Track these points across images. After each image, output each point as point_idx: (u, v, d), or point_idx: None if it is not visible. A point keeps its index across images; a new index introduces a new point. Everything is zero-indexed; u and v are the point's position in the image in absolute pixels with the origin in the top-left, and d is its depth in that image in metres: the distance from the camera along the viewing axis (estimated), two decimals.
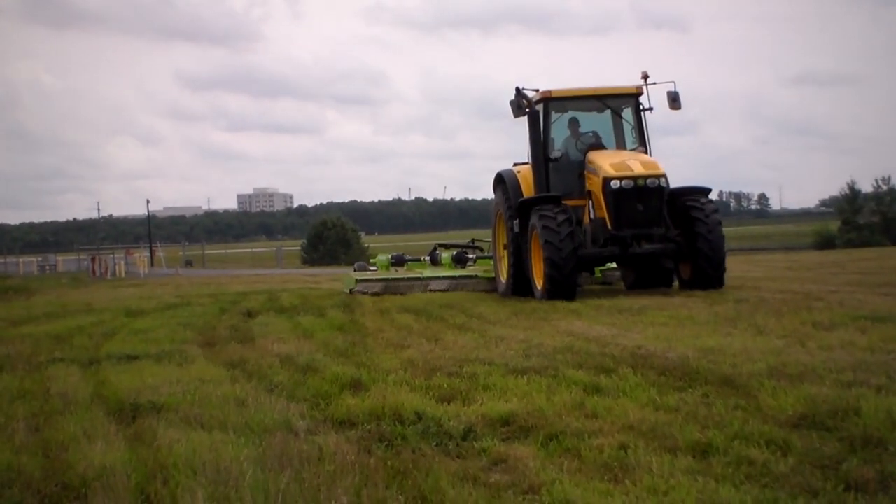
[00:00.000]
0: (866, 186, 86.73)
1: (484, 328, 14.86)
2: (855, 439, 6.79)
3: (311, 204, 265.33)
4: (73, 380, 11.23)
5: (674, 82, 21.08)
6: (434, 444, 7.29)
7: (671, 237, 19.50)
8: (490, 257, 24.82)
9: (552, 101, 21.40)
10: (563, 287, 18.88)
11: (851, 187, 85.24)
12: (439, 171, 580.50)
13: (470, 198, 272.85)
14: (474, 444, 7.28)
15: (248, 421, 8.01)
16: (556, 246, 18.78)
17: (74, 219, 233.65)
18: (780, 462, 6.36)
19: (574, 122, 21.99)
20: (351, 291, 24.60)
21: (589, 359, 10.94)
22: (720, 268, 19.28)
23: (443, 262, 27.32)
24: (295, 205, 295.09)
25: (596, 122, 22.21)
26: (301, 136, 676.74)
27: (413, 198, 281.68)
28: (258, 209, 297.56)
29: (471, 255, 27.51)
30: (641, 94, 21.47)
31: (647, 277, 21.31)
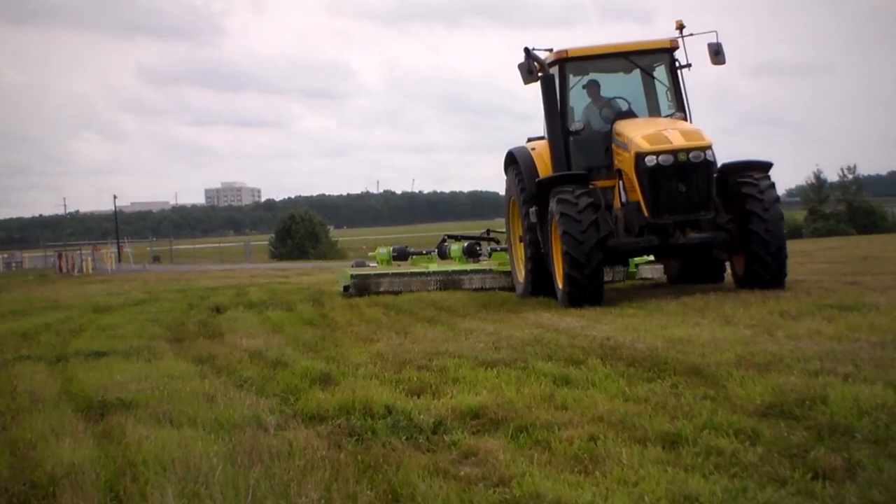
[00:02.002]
0: (832, 175, 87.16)
1: (453, 321, 14.88)
2: (822, 428, 6.83)
3: (278, 198, 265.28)
4: (40, 377, 11.19)
5: (715, 32, 17.55)
6: (404, 437, 7.29)
7: (722, 224, 16.09)
8: (506, 250, 21.70)
9: (569, 63, 17.92)
10: (585, 289, 15.75)
11: (817, 176, 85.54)
12: (406, 163, 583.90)
13: (438, 190, 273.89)
14: (444, 437, 7.29)
15: (217, 417, 8.00)
16: (576, 239, 15.61)
17: (40, 215, 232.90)
18: (748, 451, 6.38)
19: (594, 86, 18.44)
20: (346, 290, 21.71)
21: (558, 350, 10.97)
22: (779, 262, 15.87)
23: (452, 255, 24.37)
24: (263, 199, 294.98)
25: (622, 84, 18.70)
26: (267, 130, 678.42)
27: (381, 191, 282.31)
28: (226, 203, 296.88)
29: (484, 247, 24.89)
30: (677, 48, 17.82)
31: (693, 271, 18.61)
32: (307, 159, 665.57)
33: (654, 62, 18.30)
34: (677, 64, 17.84)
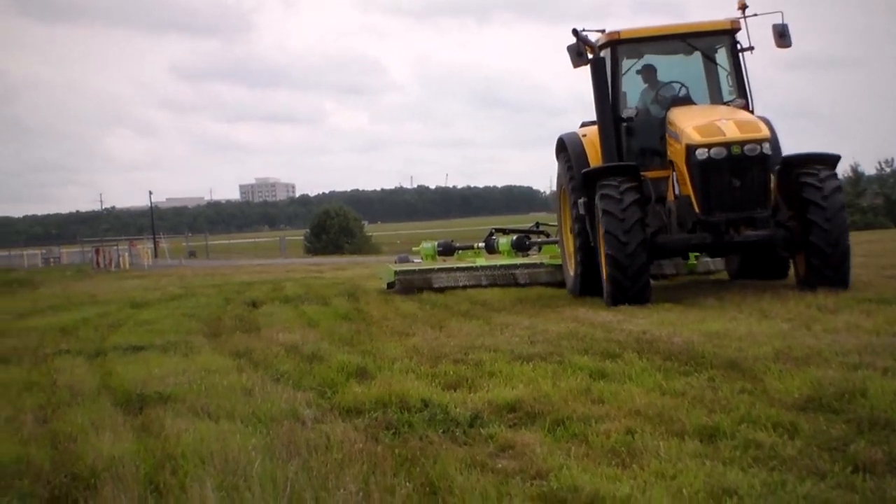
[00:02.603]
0: (869, 169, 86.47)
1: (488, 315, 14.88)
2: (862, 421, 6.80)
3: (313, 193, 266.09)
4: (80, 371, 11.26)
5: (781, 12, 16.09)
6: (441, 431, 7.29)
7: (782, 221, 15.04)
8: (557, 242, 20.67)
9: (622, 45, 16.74)
10: (628, 290, 14.82)
11: (854, 170, 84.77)
12: (439, 158, 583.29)
13: (471, 185, 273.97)
14: (481, 430, 7.29)
15: (255, 410, 8.04)
16: (619, 239, 14.69)
17: (77, 211, 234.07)
18: (787, 445, 6.36)
19: (650, 70, 17.26)
20: (389, 286, 20.94)
21: (594, 344, 10.96)
22: (841, 265, 14.53)
23: (500, 249, 23.03)
24: (297, 194, 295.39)
25: (681, 69, 17.36)
26: (299, 125, 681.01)
27: (415, 186, 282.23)
28: (261, 199, 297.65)
29: (533, 240, 23.43)
30: (739, 29, 16.48)
31: (755, 266, 17.61)
32: (341, 155, 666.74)
33: (713, 45, 17.04)
34: (739, 47, 16.59)
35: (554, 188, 20.30)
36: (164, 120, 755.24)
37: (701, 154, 14.54)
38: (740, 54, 16.55)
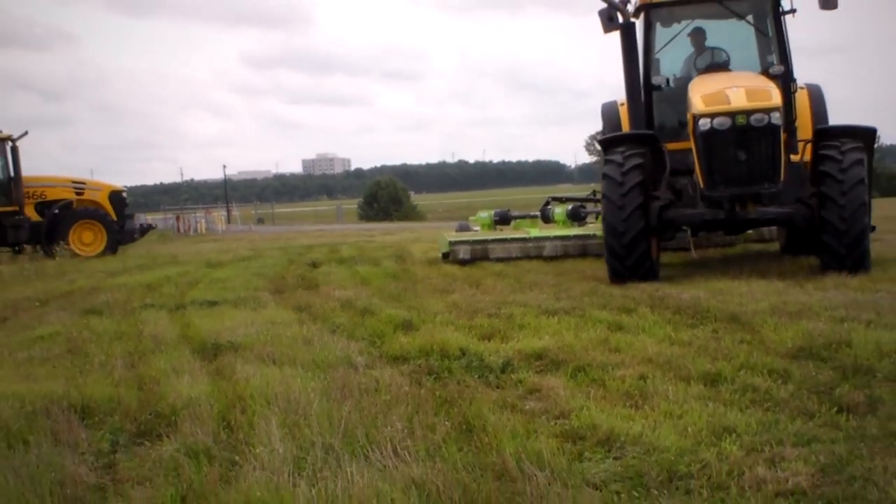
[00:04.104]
0: None
1: (519, 275, 14.87)
2: (846, 368, 6.79)
3: (366, 167, 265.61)
4: (163, 323, 11.35)
5: None
6: (476, 376, 7.31)
7: (804, 198, 12.57)
8: None
9: (654, 9, 14.04)
10: (624, 260, 12.49)
11: None
12: (477, 135, 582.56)
13: (505, 160, 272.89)
14: (511, 376, 7.31)
15: (314, 358, 8.07)
16: (614, 203, 12.45)
17: (161, 183, 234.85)
18: (780, 389, 6.36)
19: (699, 34, 14.38)
20: (445, 256, 18.25)
21: (612, 300, 10.95)
22: (858, 244, 11.93)
23: (556, 218, 19.28)
24: (352, 168, 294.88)
25: (729, 33, 14.55)
26: (353, 107, 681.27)
27: (456, 160, 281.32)
28: (320, 172, 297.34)
29: (590, 209, 19.48)
30: None
31: (800, 242, 14.36)
32: (390, 132, 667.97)
33: (753, 7, 14.31)
34: (781, 10, 13.65)
35: (578, 162, 18.92)
36: (236, 103, 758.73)
37: (704, 124, 12.16)
38: (782, 18, 13.65)
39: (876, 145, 14.21)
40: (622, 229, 12.37)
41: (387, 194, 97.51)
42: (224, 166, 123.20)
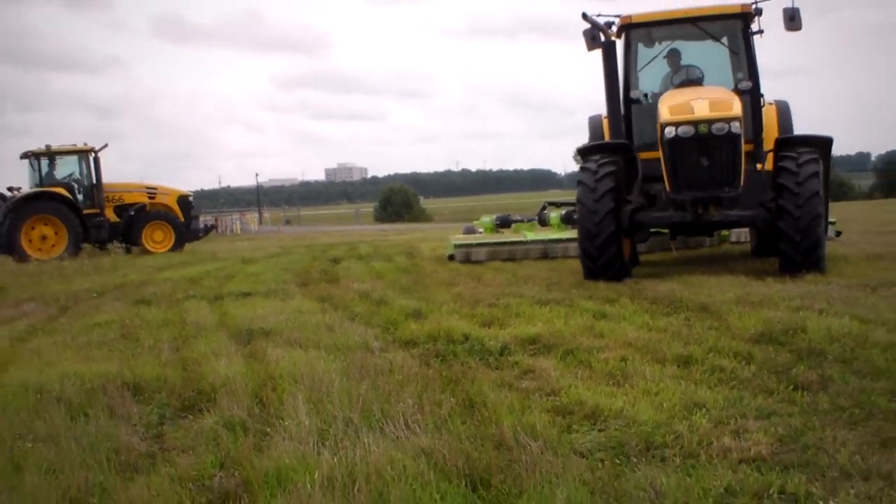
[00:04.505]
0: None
1: (515, 270, 14.85)
2: (802, 351, 6.80)
3: (381, 175, 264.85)
4: (203, 312, 11.38)
5: None
6: (478, 358, 7.33)
7: (765, 203, 12.06)
8: None
9: (633, 29, 13.53)
10: (597, 260, 12.10)
11: None
12: (479, 147, 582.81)
13: (504, 168, 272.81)
14: (508, 358, 7.32)
15: (335, 342, 8.09)
16: (587, 208, 12.06)
17: (201, 189, 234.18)
18: (744, 369, 6.37)
19: (674, 55, 13.86)
20: (451, 258, 17.67)
21: (597, 292, 10.95)
22: (812, 253, 11.44)
23: (551, 222, 18.56)
24: (369, 176, 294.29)
25: (704, 53, 13.99)
26: (369, 122, 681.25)
27: (460, 169, 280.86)
28: (340, 180, 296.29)
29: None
30: (750, 13, 13.05)
31: (769, 244, 13.07)
32: (402, 144, 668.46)
33: (725, 29, 13.64)
34: (750, 31, 13.20)
35: (567, 170, 18.30)
36: (266, 119, 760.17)
37: (669, 132, 11.67)
38: (751, 38, 13.21)
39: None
40: (595, 232, 12.00)
41: (399, 199, 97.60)
42: (256, 174, 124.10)
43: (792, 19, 12.68)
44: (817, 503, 3.91)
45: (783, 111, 13.92)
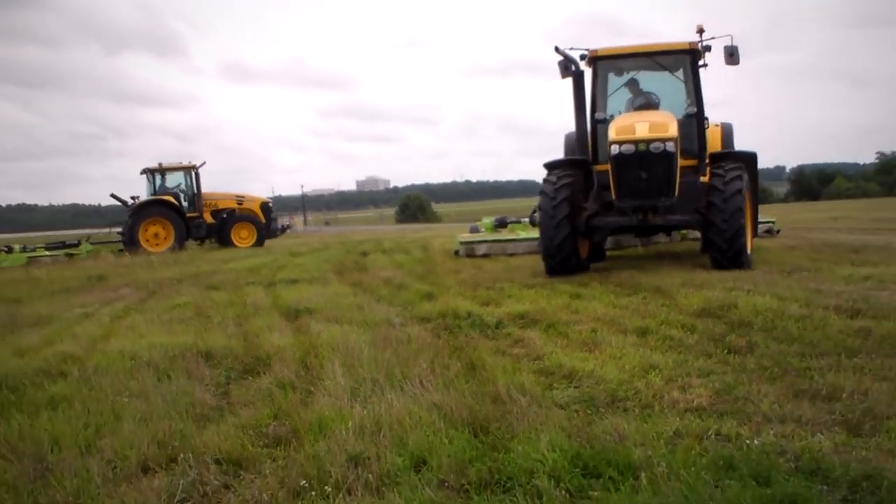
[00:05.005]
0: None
1: (508, 261, 14.86)
2: (734, 322, 6.81)
3: (401, 185, 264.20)
4: (260, 295, 11.39)
5: (731, 36, 12.37)
6: (478, 331, 7.34)
7: (699, 208, 11.47)
8: None
9: (601, 60, 12.94)
10: (555, 257, 11.61)
11: None
12: (479, 162, 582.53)
13: (499, 179, 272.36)
14: (502, 330, 7.34)
15: (364, 318, 8.10)
16: (547, 213, 11.59)
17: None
18: (689, 337, 6.38)
19: (633, 83, 13.26)
20: (457, 253, 17.05)
21: (573, 278, 10.94)
22: (737, 258, 11.04)
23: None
24: (391, 186, 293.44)
25: (660, 82, 13.33)
26: (391, 143, 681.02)
27: (464, 180, 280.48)
28: (368, 189, 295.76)
29: None
30: (696, 49, 12.54)
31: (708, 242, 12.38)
32: (417, 160, 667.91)
33: (676, 62, 13.01)
34: (696, 65, 12.62)
35: None
36: (309, 141, 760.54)
37: (615, 149, 11.17)
38: (698, 71, 12.65)
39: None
40: (552, 234, 11.52)
41: (415, 204, 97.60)
42: (301, 185, 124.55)
43: (731, 55, 12.25)
44: (745, 442, 3.94)
45: (727, 131, 13.56)
